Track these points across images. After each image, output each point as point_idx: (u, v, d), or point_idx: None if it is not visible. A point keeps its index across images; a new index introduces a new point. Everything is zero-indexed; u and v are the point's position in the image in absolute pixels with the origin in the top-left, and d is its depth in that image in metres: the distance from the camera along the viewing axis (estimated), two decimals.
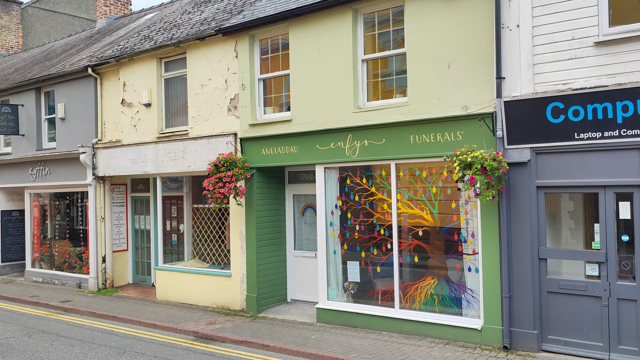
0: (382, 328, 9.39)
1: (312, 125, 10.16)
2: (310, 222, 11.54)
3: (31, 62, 20.18)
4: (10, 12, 26.40)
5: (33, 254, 16.53)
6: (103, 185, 14.35)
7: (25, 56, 23.05)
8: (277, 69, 11.03)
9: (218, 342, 9.48)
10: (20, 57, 23.16)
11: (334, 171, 10.23)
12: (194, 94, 12.15)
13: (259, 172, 11.19)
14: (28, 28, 27.50)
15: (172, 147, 12.36)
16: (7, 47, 26.30)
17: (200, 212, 13.09)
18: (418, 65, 8.97)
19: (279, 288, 11.58)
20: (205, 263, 12.81)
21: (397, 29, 9.49)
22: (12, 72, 19.76)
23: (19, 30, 26.67)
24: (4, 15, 26.16)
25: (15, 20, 26.58)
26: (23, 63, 20.95)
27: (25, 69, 18.98)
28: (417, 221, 9.32)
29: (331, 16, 9.90)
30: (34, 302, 13.21)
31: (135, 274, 15.05)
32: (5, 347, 9.39)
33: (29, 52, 24.32)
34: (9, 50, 26.31)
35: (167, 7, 18.74)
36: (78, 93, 14.93)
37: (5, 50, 26.20)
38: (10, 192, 17.54)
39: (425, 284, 9.22)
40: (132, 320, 11.01)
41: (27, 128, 16.43)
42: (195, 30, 12.33)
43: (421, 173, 9.23)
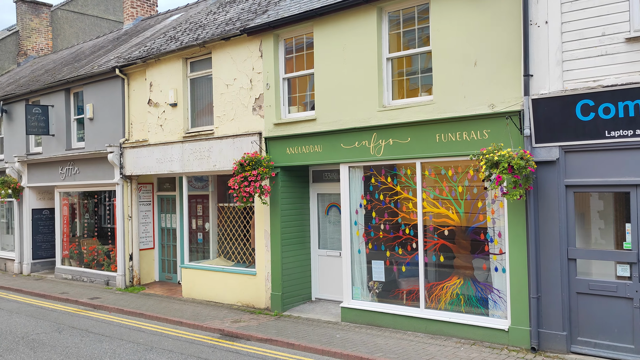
0: (407, 328, 9.34)
1: (337, 124, 10.15)
2: (334, 221, 11.54)
3: (61, 64, 20.60)
4: (40, 15, 26.99)
5: (63, 252, 16.87)
6: (130, 184, 14.57)
7: (55, 58, 23.55)
8: (302, 68, 11.05)
9: (243, 340, 9.55)
10: (50, 59, 23.66)
11: (358, 170, 10.21)
12: (219, 94, 12.25)
13: (284, 171, 11.23)
14: (57, 30, 28.08)
15: (198, 146, 12.49)
16: (38, 49, 26.90)
17: (226, 210, 13.19)
18: (444, 63, 8.89)
19: (304, 287, 11.61)
20: (230, 261, 12.91)
21: (422, 26, 9.43)
22: (43, 73, 20.20)
23: (48, 33, 27.25)
24: (34, 18, 26.77)
25: (45, 23, 27.16)
26: (53, 65, 21.40)
27: (55, 71, 19.38)
28: (442, 220, 9.24)
29: (356, 15, 9.88)
30: (64, 299, 13.49)
31: (162, 271, 15.25)
32: (37, 343, 9.61)
33: (58, 53, 24.84)
34: (39, 52, 26.90)
35: (192, 7, 18.93)
36: (106, 93, 15.19)
37: (36, 52, 26.80)
38: (41, 191, 17.93)
39: (451, 284, 9.14)
40: (159, 318, 11.16)
41: (57, 128, 16.77)
42: (220, 31, 12.43)
43: (447, 172, 9.16)
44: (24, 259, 17.83)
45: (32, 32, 26.75)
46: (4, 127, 19.12)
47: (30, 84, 18.67)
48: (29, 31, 26.68)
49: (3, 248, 19.52)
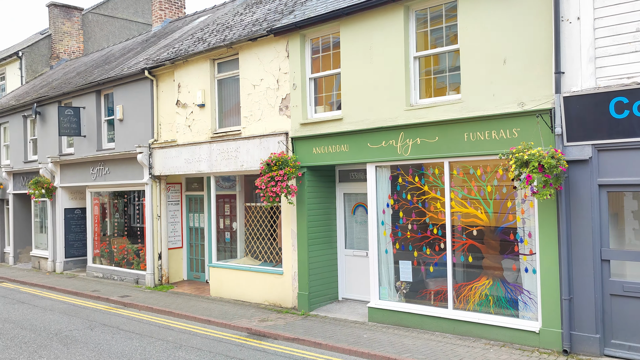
0: (435, 328, 9.26)
1: (363, 124, 10.13)
2: (361, 221, 11.51)
3: (92, 66, 21.02)
4: (72, 19, 27.61)
5: (94, 251, 17.21)
6: (159, 184, 14.78)
7: (86, 60, 24.04)
8: (328, 67, 11.06)
9: (271, 339, 9.59)
10: (82, 62, 24.16)
11: (385, 170, 10.17)
12: (246, 94, 12.34)
13: (310, 170, 11.25)
14: (88, 33, 28.67)
15: (225, 146, 12.60)
16: (69, 52, 27.51)
17: (253, 210, 13.28)
18: (472, 61, 8.78)
19: (330, 286, 11.62)
20: (257, 261, 12.99)
21: (450, 25, 9.33)
22: (74, 75, 20.64)
23: (80, 36, 27.86)
24: (66, 21, 27.39)
25: (76, 26, 27.77)
26: (84, 67, 21.85)
27: (87, 73, 19.79)
28: (471, 220, 9.14)
29: (382, 14, 9.84)
30: (95, 297, 13.76)
31: (190, 270, 15.43)
32: (70, 339, 9.83)
33: (89, 56, 25.35)
34: (71, 55, 27.50)
35: (219, 9, 19.11)
36: (135, 95, 15.44)
37: (68, 55, 27.41)
38: (73, 191, 18.32)
39: (480, 285, 9.03)
40: (187, 316, 11.29)
41: (88, 129, 17.12)
42: (247, 31, 12.51)
43: (475, 171, 9.05)
44: (57, 257, 18.25)
45: (64, 36, 27.38)
46: (38, 128, 19.60)
47: (63, 87, 19.10)
48: (61, 35, 27.30)
49: (37, 247, 20.01)
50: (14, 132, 21.14)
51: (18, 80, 26.50)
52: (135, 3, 30.43)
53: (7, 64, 27.37)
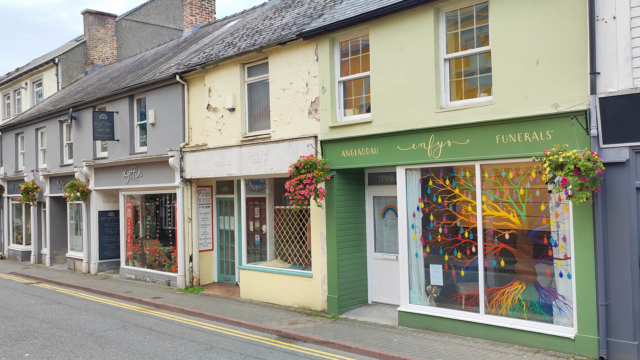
0: (467, 333, 9.14)
1: (393, 126, 10.08)
2: (390, 224, 11.45)
3: (125, 72, 21.46)
4: (105, 26, 28.27)
5: (127, 253, 17.54)
6: (190, 187, 14.98)
7: (119, 66, 24.56)
8: (357, 70, 11.05)
9: (300, 342, 9.61)
10: (115, 67, 24.70)
11: (415, 172, 10.10)
12: (276, 98, 12.42)
13: (339, 174, 11.25)
14: (121, 39, 29.31)
15: (255, 150, 12.70)
16: (103, 58, 28.15)
17: (282, 213, 13.34)
18: (503, 62, 8.66)
19: (360, 290, 11.58)
20: (286, 263, 13.04)
21: (481, 26, 9.23)
22: (108, 81, 21.10)
23: (113, 42, 28.50)
24: (100, 28, 28.05)
25: (110, 33, 28.42)
26: (117, 73, 22.32)
27: (120, 78, 20.21)
28: (503, 224, 8.99)
29: (412, 16, 9.79)
30: (128, 298, 14.01)
31: (220, 273, 15.58)
32: (104, 339, 10.03)
33: (122, 62, 25.90)
34: (105, 61, 28.14)
35: (249, 13, 19.30)
36: (167, 99, 15.70)
37: (102, 61, 28.05)
38: (107, 194, 18.71)
39: (512, 289, 8.88)
40: (218, 318, 11.40)
41: (121, 133, 17.47)
42: (277, 36, 12.60)
43: (507, 174, 8.91)
44: (92, 259, 18.65)
45: (99, 42, 28.03)
46: (73, 133, 20.09)
47: (97, 92, 19.55)
48: (96, 41, 27.97)
49: (72, 248, 20.49)
50: (51, 136, 21.71)
51: (54, 86, 27.24)
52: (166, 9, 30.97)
53: (44, 71, 28.16)
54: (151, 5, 30.57)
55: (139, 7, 30.41)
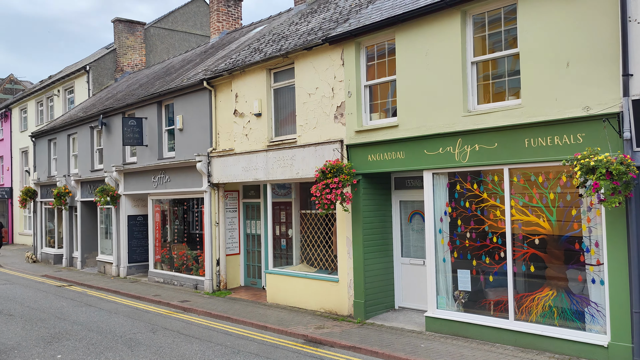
0: (495, 340, 9.00)
1: (419, 130, 10.02)
2: (417, 228, 11.37)
3: (153, 78, 21.82)
4: (135, 33, 28.82)
5: (155, 256, 17.78)
6: (217, 192, 15.12)
7: (147, 72, 24.98)
8: (383, 74, 11.02)
9: (327, 347, 9.60)
10: (144, 74, 25.13)
11: (442, 177, 10.01)
12: (302, 103, 12.47)
13: (365, 178, 11.22)
14: (150, 46, 29.83)
15: (281, 154, 12.76)
16: (133, 64, 28.69)
17: (308, 217, 13.36)
18: (532, 65, 8.54)
19: (386, 295, 11.52)
20: (313, 268, 13.05)
21: (509, 28, 9.11)
22: (137, 87, 21.48)
23: (142, 49, 29.03)
24: (129, 36, 28.60)
25: (139, 40, 28.97)
26: (146, 79, 22.70)
27: (148, 85, 20.55)
28: (533, 229, 8.85)
29: (439, 19, 9.73)
30: (157, 301, 14.20)
31: (247, 276, 15.67)
32: (134, 342, 10.18)
33: (151, 68, 26.34)
34: (134, 67, 28.67)
35: (275, 19, 19.43)
36: (194, 105, 15.90)
37: (131, 68, 28.59)
38: (135, 199, 19.01)
39: (543, 295, 8.72)
40: (245, 322, 11.46)
41: (150, 139, 17.75)
42: (303, 41, 12.66)
43: (537, 178, 8.76)
44: (121, 262, 18.97)
45: (128, 50, 28.59)
46: (103, 139, 20.49)
47: (126, 98, 19.92)
48: (125, 48, 28.52)
49: (102, 252, 20.87)
50: (82, 142, 22.19)
51: (86, 93, 27.87)
52: (194, 16, 31.43)
53: (76, 78, 28.83)
54: (179, 12, 31.06)
55: (167, 14, 30.93)
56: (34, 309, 13.54)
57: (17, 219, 35.46)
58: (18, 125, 35.10)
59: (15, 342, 10.29)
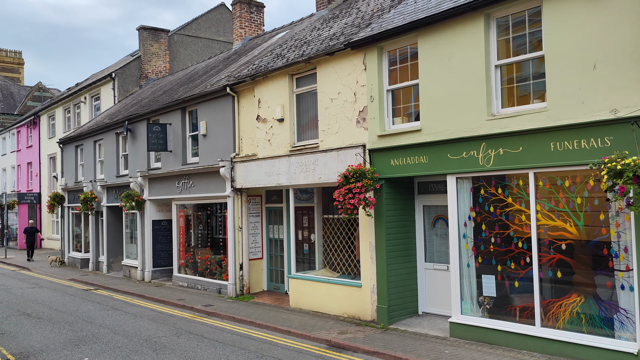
0: (522, 346, 8.87)
1: (443, 135, 9.96)
2: (441, 233, 11.28)
3: (177, 84, 22.10)
4: (159, 40, 29.25)
5: (179, 261, 17.96)
6: (240, 197, 15.23)
7: (171, 79, 25.32)
8: (406, 79, 10.99)
9: (350, 352, 9.57)
10: (168, 80, 25.47)
11: (466, 181, 9.93)
12: (324, 108, 12.50)
13: (388, 182, 11.19)
14: (174, 53, 30.24)
15: (304, 159, 12.80)
16: (157, 71, 29.12)
17: (330, 222, 13.36)
18: (558, 67, 8.43)
19: (410, 300, 11.44)
20: (335, 272, 13.03)
21: (534, 30, 9.01)
22: (161, 94, 21.77)
23: (166, 56, 29.46)
24: (154, 43, 29.04)
25: (163, 47, 29.40)
26: (170, 85, 23.01)
27: (172, 91, 20.82)
28: (559, 234, 8.71)
29: (462, 23, 9.67)
30: (181, 305, 14.33)
31: (270, 281, 15.73)
32: (158, 345, 10.29)
33: (175, 75, 26.69)
34: (158, 74, 29.09)
35: (297, 25, 19.53)
36: (217, 111, 16.05)
37: (155, 75, 29.01)
38: (160, 204, 19.24)
39: (570, 302, 8.57)
40: (268, 326, 11.50)
41: (174, 144, 17.97)
42: (325, 46, 12.70)
43: (563, 182, 8.63)
44: (146, 266, 19.20)
45: (152, 57, 29.03)
46: (129, 144, 20.81)
47: (151, 105, 20.20)
48: (150, 55, 28.97)
49: (127, 256, 21.16)
50: (108, 148, 22.57)
51: (111, 99, 28.36)
52: (216, 23, 31.78)
53: (102, 85, 29.37)
54: (202, 19, 31.44)
55: (190, 21, 31.33)
56: (62, 312, 13.79)
57: (45, 224, 36.18)
58: (46, 132, 35.87)
59: (44, 344, 10.49)
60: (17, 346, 10.41)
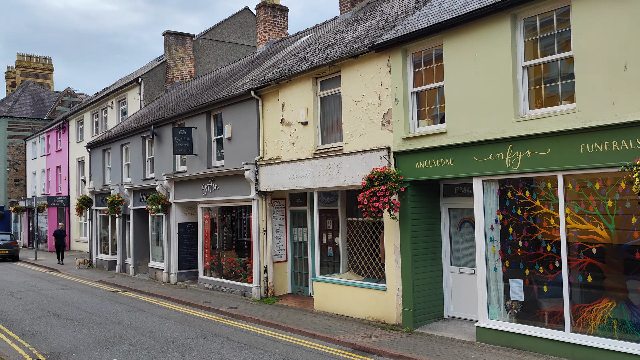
0: (551, 352, 8.71)
1: (469, 137, 9.85)
2: (467, 237, 11.16)
3: (202, 88, 22.33)
4: (184, 45, 29.62)
5: (204, 263, 18.10)
6: (265, 200, 15.29)
7: (196, 83, 25.59)
8: (431, 81, 10.91)
9: (375, 355, 9.52)
10: (193, 85, 25.75)
11: (493, 184, 9.80)
12: (348, 111, 12.48)
13: (413, 185, 11.11)
14: (198, 58, 30.58)
15: (328, 162, 12.80)
16: (182, 75, 29.48)
17: (354, 225, 13.33)
18: (587, 68, 8.27)
19: (435, 304, 11.33)
20: (360, 276, 12.99)
21: (562, 31, 8.86)
22: (187, 98, 22.02)
23: (191, 60, 29.81)
24: (179, 48, 29.41)
25: (188, 52, 29.75)
26: (195, 89, 23.26)
27: (197, 95, 21.04)
28: (589, 237, 8.53)
29: (488, 24, 9.57)
30: (206, 307, 14.44)
31: (294, 284, 15.75)
32: (184, 347, 10.38)
33: (199, 79, 26.97)
34: (183, 78, 29.44)
35: (320, 28, 19.57)
36: (242, 115, 16.16)
37: (181, 79, 29.36)
38: (185, 207, 19.44)
39: (601, 307, 8.38)
40: (293, 329, 11.51)
41: (199, 148, 18.15)
42: (349, 49, 12.69)
43: (593, 185, 8.46)
44: (171, 269, 19.41)
45: (177, 61, 29.39)
46: (155, 148, 21.09)
47: (176, 109, 20.44)
48: (175, 60, 29.34)
49: (154, 258, 21.42)
50: (134, 152, 22.91)
51: (137, 104, 28.79)
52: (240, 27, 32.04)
53: (128, 90, 29.84)
54: (226, 23, 31.74)
55: (215, 26, 31.65)
56: (90, 313, 14.02)
57: (73, 226, 36.89)
58: (75, 136, 36.60)
59: (74, 345, 10.67)
60: (47, 346, 10.62)
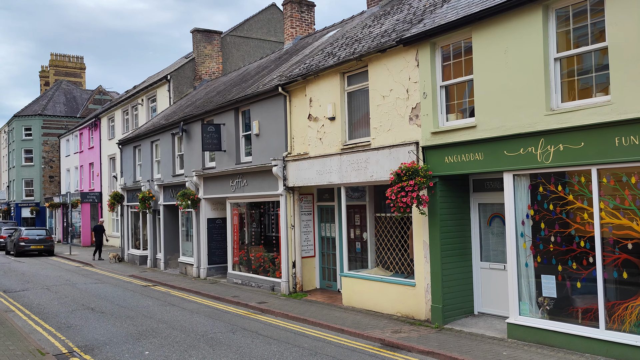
0: (584, 349, 8.54)
1: (499, 131, 9.70)
2: (497, 232, 11.00)
3: (230, 85, 22.50)
4: (212, 42, 29.87)
5: (233, 258, 18.29)
6: (292, 195, 15.34)
7: (224, 80, 25.80)
8: (459, 74, 10.77)
9: (404, 351, 9.48)
10: (221, 81, 25.97)
11: (524, 178, 9.63)
12: (376, 105, 12.42)
13: (442, 180, 11.00)
14: (226, 54, 30.81)
15: (355, 157, 12.76)
16: (210, 72, 29.74)
17: (382, 220, 13.27)
18: (623, 59, 8.04)
19: (465, 300, 11.22)
20: (388, 271, 12.94)
21: (595, 21, 8.64)
22: (215, 95, 22.22)
23: (219, 57, 30.05)
24: (207, 45, 29.68)
25: (216, 49, 30.00)
26: (223, 86, 23.45)
27: (225, 92, 21.21)
28: (625, 233, 8.32)
29: (518, 16, 9.38)
30: (235, 302, 14.59)
31: (322, 279, 15.78)
32: (214, 341, 10.51)
33: (227, 76, 27.19)
34: (212, 75, 29.71)
35: (347, 23, 19.49)
36: (270, 111, 16.23)
37: (209, 76, 29.64)
38: (214, 202, 19.65)
39: (637, 304, 8.17)
40: (321, 324, 11.54)
41: (228, 144, 18.30)
42: (376, 43, 12.61)
43: (629, 179, 8.24)
44: (201, 264, 19.66)
45: (206, 58, 29.67)
46: (184, 145, 21.35)
47: (205, 105, 20.65)
48: (203, 57, 29.62)
49: (184, 254, 21.73)
50: (164, 148, 23.24)
51: (167, 101, 29.19)
52: (267, 23, 32.15)
53: (158, 87, 30.26)
54: (253, 20, 31.89)
55: (242, 22, 31.84)
56: (123, 307, 14.31)
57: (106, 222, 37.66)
58: (106, 133, 37.33)
59: (107, 337, 10.91)
60: (82, 339, 10.88)
